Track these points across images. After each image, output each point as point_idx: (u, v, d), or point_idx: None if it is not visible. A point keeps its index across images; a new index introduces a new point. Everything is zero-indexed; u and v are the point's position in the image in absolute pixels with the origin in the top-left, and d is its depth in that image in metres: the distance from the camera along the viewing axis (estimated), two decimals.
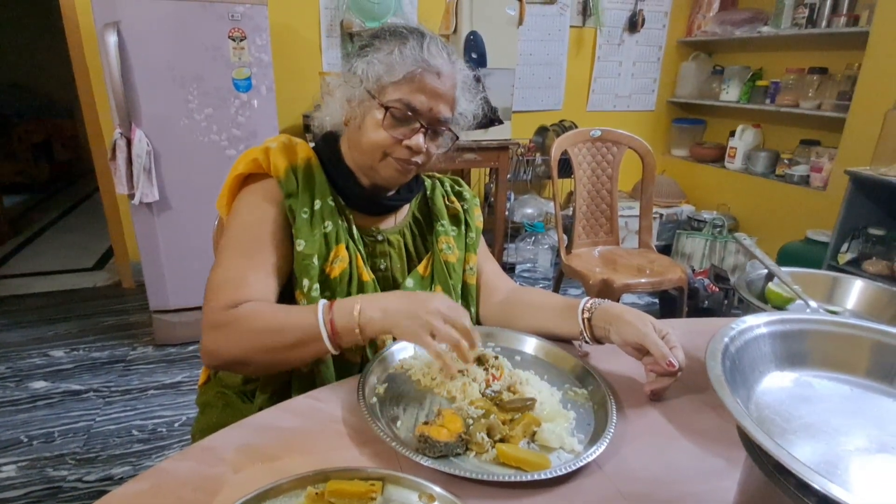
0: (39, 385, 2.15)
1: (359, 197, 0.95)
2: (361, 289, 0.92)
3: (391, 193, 0.98)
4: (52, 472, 1.72)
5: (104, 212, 2.94)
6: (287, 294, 0.91)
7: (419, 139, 0.87)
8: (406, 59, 0.84)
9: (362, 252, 0.94)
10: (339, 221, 0.92)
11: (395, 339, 0.93)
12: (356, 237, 0.94)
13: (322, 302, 0.77)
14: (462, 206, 1.08)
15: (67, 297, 2.93)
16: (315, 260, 0.88)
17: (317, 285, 0.88)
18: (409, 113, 0.86)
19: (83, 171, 5.33)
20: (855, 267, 2.34)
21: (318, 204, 0.90)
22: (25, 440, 1.85)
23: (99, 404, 2.05)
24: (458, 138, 0.95)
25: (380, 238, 0.98)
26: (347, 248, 0.92)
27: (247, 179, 0.93)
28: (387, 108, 0.85)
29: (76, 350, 2.41)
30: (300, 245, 0.88)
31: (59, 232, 4.01)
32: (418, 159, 0.89)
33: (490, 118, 2.59)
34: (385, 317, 0.75)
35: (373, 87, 0.87)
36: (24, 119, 5.00)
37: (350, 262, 0.92)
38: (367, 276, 0.93)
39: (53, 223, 4.19)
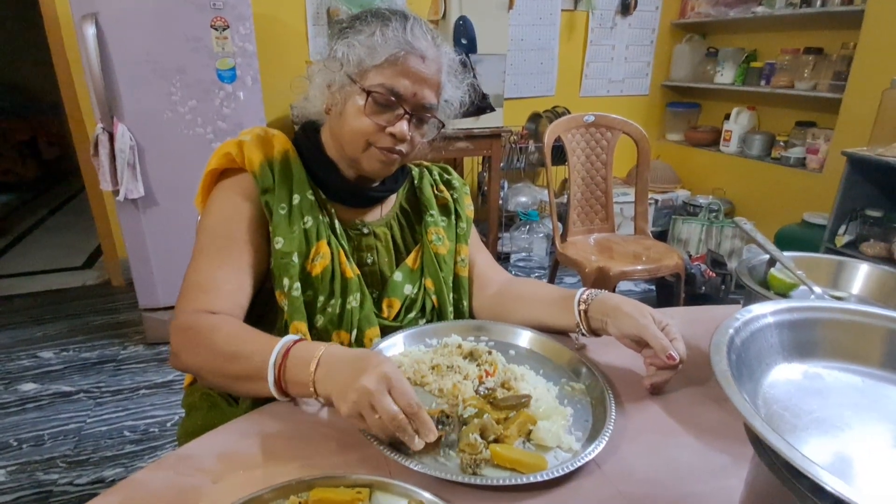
0: (29, 387, 2.11)
1: (342, 189, 0.91)
2: (345, 286, 0.88)
3: (376, 184, 0.94)
4: (43, 475, 1.68)
5: (91, 209, 2.89)
6: (268, 293, 0.87)
7: (403, 126, 0.83)
8: (389, 41, 0.80)
9: (346, 247, 0.91)
10: (320, 216, 0.88)
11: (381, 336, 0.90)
12: (339, 232, 0.90)
13: (286, 339, 0.69)
14: (451, 196, 1.05)
15: (56, 297, 2.89)
16: (295, 258, 0.84)
17: (297, 284, 0.85)
18: (393, 98, 0.81)
19: (70, 168, 5.24)
20: (853, 249, 2.32)
21: (296, 199, 0.86)
22: (15, 444, 1.81)
23: (89, 405, 2.01)
24: (443, 126, 0.91)
25: (365, 231, 0.95)
26: (329, 243, 0.88)
27: (221, 175, 0.89)
28: (368, 93, 0.81)
29: (66, 351, 2.37)
30: (278, 243, 0.84)
31: (48, 231, 3.95)
32: (402, 148, 0.85)
33: (481, 105, 2.55)
34: (326, 383, 0.64)
35: (354, 72, 0.82)
36: (9, 117, 4.91)
37: (332, 259, 0.88)
38: (351, 272, 0.89)
39: (41, 222, 4.13)
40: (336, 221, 0.91)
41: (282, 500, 0.55)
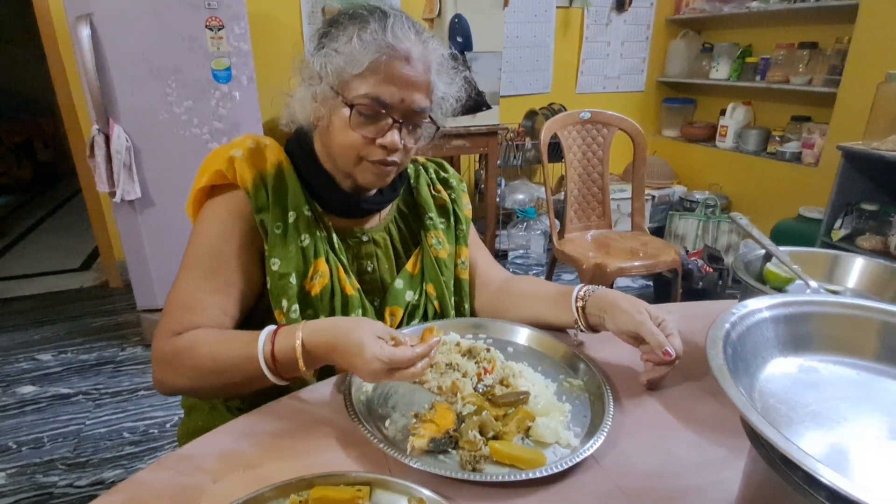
0: (27, 390, 2.11)
1: (338, 202, 0.88)
2: (346, 303, 0.86)
3: (372, 194, 0.90)
4: (43, 478, 1.68)
5: (87, 211, 2.88)
6: (264, 310, 0.84)
7: (394, 136, 0.78)
8: (367, 46, 0.74)
9: (345, 262, 0.87)
10: (317, 232, 0.85)
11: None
12: (337, 246, 0.87)
13: (266, 331, 0.70)
14: (449, 196, 1.02)
15: (54, 300, 2.88)
16: (293, 279, 0.81)
17: (296, 306, 0.82)
18: (379, 108, 0.76)
19: (66, 170, 5.22)
20: (849, 243, 2.33)
21: (292, 216, 0.82)
22: (14, 446, 1.81)
23: (89, 407, 2.01)
24: (439, 129, 0.86)
25: (364, 239, 0.92)
26: (328, 260, 0.85)
27: (212, 189, 0.84)
28: (352, 106, 0.76)
29: (64, 353, 2.37)
30: (275, 264, 0.81)
31: (45, 233, 3.94)
32: (396, 158, 0.80)
33: (478, 103, 2.55)
34: (331, 354, 0.68)
35: (335, 83, 0.77)
36: (4, 119, 4.89)
37: (331, 277, 0.85)
38: (351, 288, 0.87)
39: (38, 224, 4.12)
40: (333, 234, 0.87)
41: (282, 499, 0.55)
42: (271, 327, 0.71)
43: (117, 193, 2.09)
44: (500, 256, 3.26)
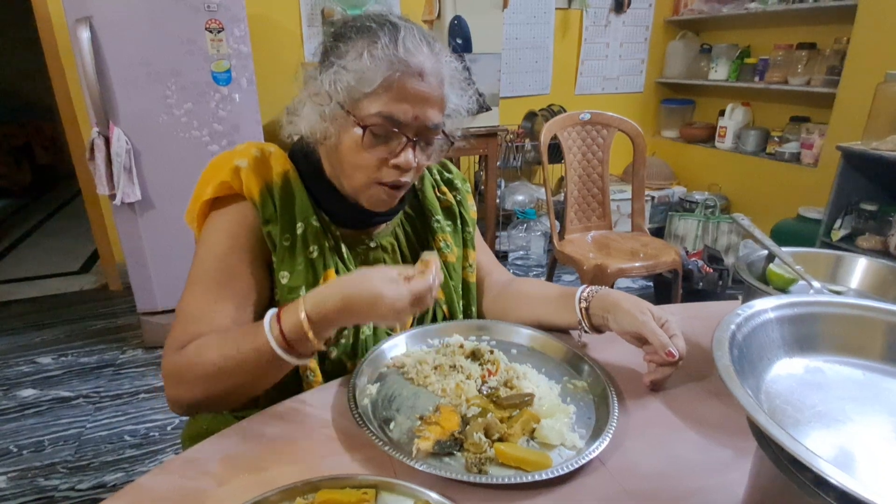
0: (28, 393, 2.11)
1: (345, 215, 0.86)
2: None
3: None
4: (44, 481, 1.68)
5: (87, 213, 2.88)
6: None
7: (408, 155, 0.75)
8: (379, 63, 0.71)
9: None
10: (326, 242, 0.83)
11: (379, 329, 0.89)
12: (346, 256, 0.86)
13: (269, 314, 0.68)
14: (455, 197, 1.01)
15: (54, 302, 2.87)
16: (302, 291, 0.80)
17: None
18: (393, 127, 0.74)
19: (66, 173, 5.21)
20: (848, 243, 2.33)
21: (300, 227, 0.81)
22: (15, 450, 1.81)
23: (89, 410, 2.01)
24: (453, 143, 0.84)
25: (373, 245, 0.91)
26: (337, 272, 0.83)
27: (216, 199, 0.82)
28: (364, 127, 0.73)
29: (64, 356, 2.36)
30: (284, 277, 0.80)
31: (44, 236, 3.93)
32: (408, 178, 0.78)
33: (478, 105, 2.55)
34: (345, 315, 0.67)
35: (345, 101, 0.74)
36: (3, 122, 4.89)
37: None
38: None
39: (37, 227, 4.11)
40: (342, 244, 0.86)
41: (288, 502, 0.55)
42: (274, 310, 0.68)
43: (117, 196, 2.09)
44: (501, 258, 3.26)
